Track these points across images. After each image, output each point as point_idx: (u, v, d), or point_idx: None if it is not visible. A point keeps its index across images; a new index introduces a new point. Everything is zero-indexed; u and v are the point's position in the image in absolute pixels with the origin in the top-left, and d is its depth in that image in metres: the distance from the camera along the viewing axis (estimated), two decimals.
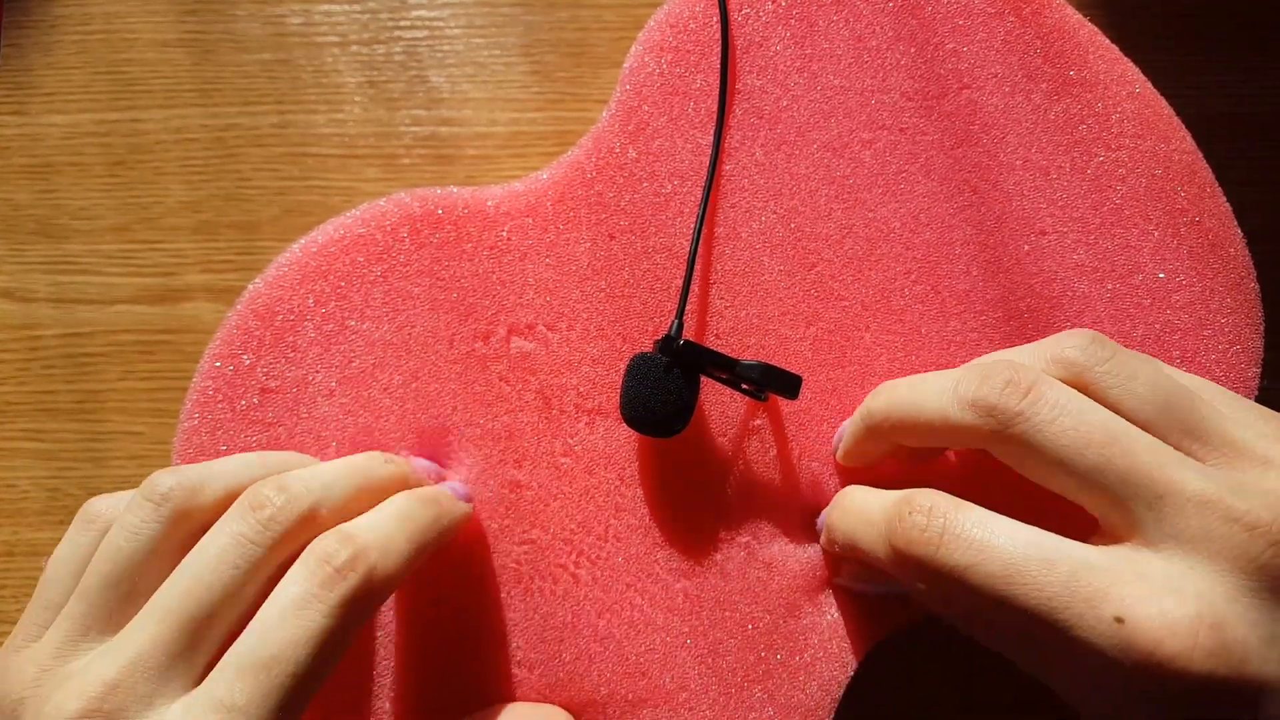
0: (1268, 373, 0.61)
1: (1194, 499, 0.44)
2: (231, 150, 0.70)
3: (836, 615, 0.60)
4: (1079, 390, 0.48)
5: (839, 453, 0.60)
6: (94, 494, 0.64)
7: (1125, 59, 0.63)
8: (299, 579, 0.46)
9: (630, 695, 0.59)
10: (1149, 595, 0.42)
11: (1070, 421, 0.46)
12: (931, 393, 0.51)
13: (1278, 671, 0.42)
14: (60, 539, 0.64)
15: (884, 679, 0.65)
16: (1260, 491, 0.44)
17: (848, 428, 0.59)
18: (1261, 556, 0.42)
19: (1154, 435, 0.47)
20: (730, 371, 0.56)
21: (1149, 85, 0.63)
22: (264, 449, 0.59)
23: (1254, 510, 0.43)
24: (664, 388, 0.56)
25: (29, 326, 0.69)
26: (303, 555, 0.47)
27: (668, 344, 0.56)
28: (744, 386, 0.57)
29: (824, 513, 0.59)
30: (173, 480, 0.49)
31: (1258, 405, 0.50)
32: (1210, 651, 0.41)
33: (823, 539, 0.59)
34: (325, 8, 0.72)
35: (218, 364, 0.60)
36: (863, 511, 0.53)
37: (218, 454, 0.59)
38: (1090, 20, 0.63)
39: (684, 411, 0.57)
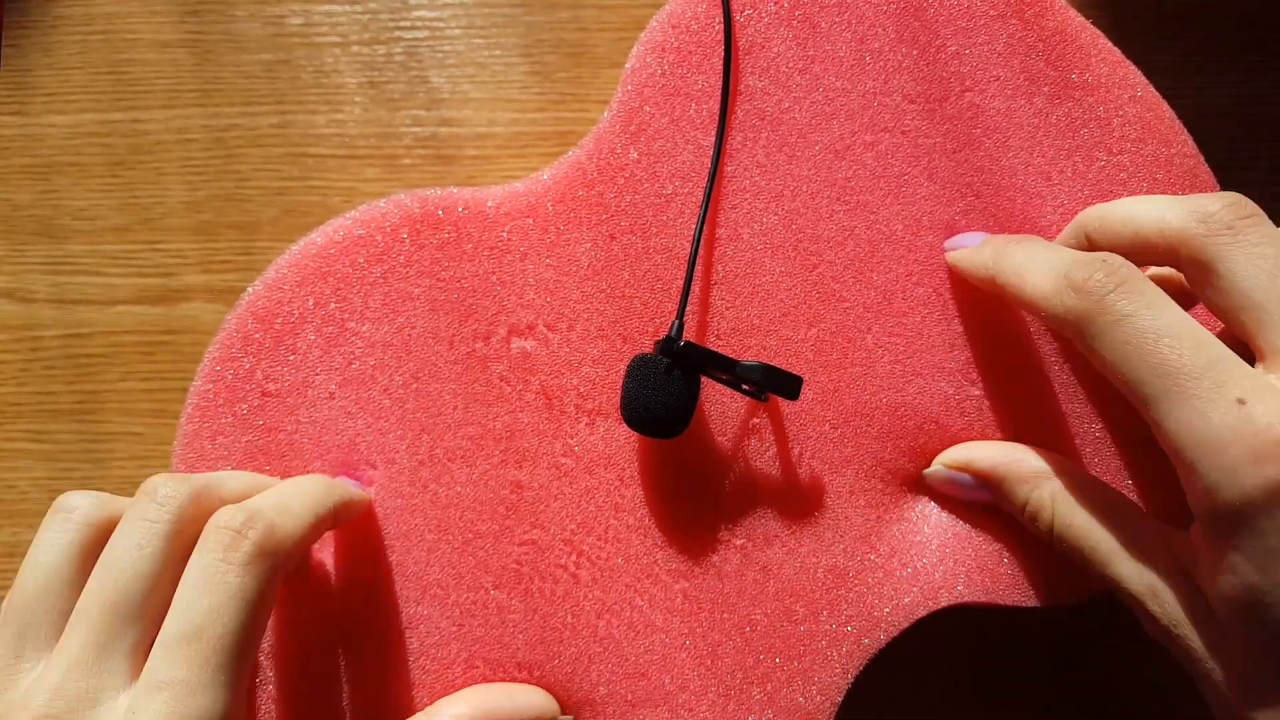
0: None
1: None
2: (232, 151, 0.71)
3: (835, 625, 0.60)
4: (1210, 244, 0.50)
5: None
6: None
7: (1127, 62, 0.63)
8: (205, 549, 0.48)
9: (629, 696, 0.59)
10: (1275, 395, 0.45)
11: (1274, 249, 0.48)
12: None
13: None
14: None
15: (884, 681, 0.64)
16: None
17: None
18: None
19: (1256, 312, 0.49)
20: (731, 372, 0.56)
21: (1151, 89, 0.63)
22: (265, 452, 0.60)
23: None
24: (665, 389, 0.56)
25: (29, 327, 0.69)
26: (204, 530, 0.49)
27: (668, 345, 0.56)
28: (745, 387, 0.58)
29: (984, 245, 0.59)
30: (173, 485, 0.51)
31: None
32: None
33: (960, 259, 0.60)
34: (326, 8, 0.72)
35: (217, 368, 0.60)
36: (1044, 254, 0.54)
37: (218, 458, 0.60)
38: (1090, 20, 0.64)
39: (684, 413, 0.57)
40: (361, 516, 0.59)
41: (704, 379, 0.60)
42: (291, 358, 0.61)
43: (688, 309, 0.61)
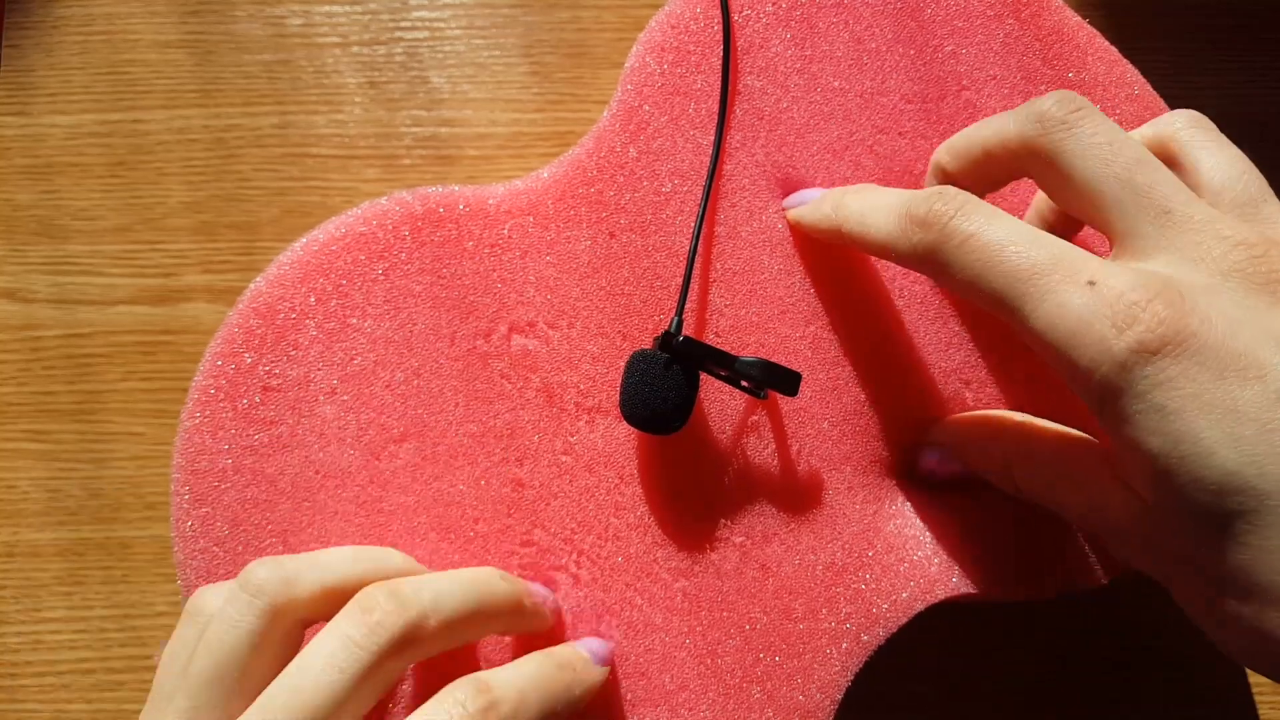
0: None
1: (1195, 218, 0.48)
2: (232, 151, 0.71)
3: (834, 622, 0.60)
4: (1044, 140, 0.52)
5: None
6: (95, 495, 0.67)
7: (1124, 61, 0.64)
8: (434, 712, 0.48)
9: (629, 695, 0.60)
10: (1120, 269, 0.46)
11: (1106, 137, 0.49)
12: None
13: (1229, 341, 0.44)
14: (61, 539, 0.66)
15: (885, 684, 0.65)
16: (1259, 229, 0.49)
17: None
18: (1240, 263, 0.46)
19: (1101, 200, 0.50)
20: (729, 368, 0.57)
21: (1148, 87, 0.64)
22: (266, 448, 0.60)
23: (1248, 236, 0.47)
24: (663, 384, 0.57)
25: (30, 327, 0.70)
26: (439, 695, 0.49)
27: (667, 340, 0.57)
28: (743, 384, 0.58)
29: (823, 199, 0.60)
30: (266, 572, 0.50)
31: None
32: (1168, 302, 0.44)
33: (800, 215, 0.61)
34: (326, 8, 0.73)
35: (219, 363, 0.61)
36: (882, 198, 0.55)
37: (219, 454, 0.60)
38: (1088, 20, 0.64)
39: (683, 408, 0.57)
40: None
41: (703, 376, 0.60)
42: (293, 353, 0.61)
43: (686, 306, 0.61)
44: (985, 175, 0.56)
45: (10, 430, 0.70)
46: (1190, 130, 0.54)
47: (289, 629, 0.50)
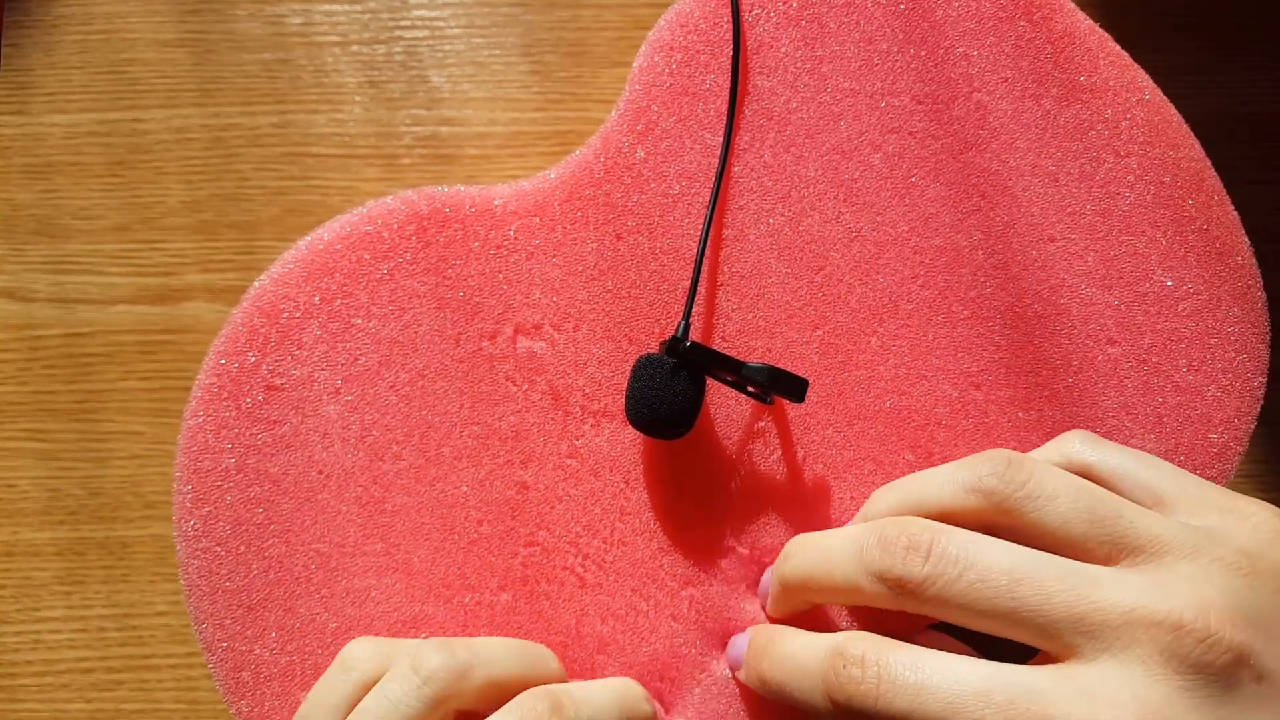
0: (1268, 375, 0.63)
1: (1116, 613, 0.46)
2: (232, 150, 0.72)
3: (840, 628, 0.61)
4: (1001, 513, 0.51)
5: (769, 607, 0.61)
6: (95, 494, 0.67)
7: (1135, 65, 0.64)
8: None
9: None
10: (1089, 714, 0.44)
11: (975, 575, 0.48)
12: (838, 560, 0.53)
13: None
14: (60, 539, 0.66)
15: None
16: (1184, 587, 0.47)
17: (769, 586, 0.60)
18: (1191, 654, 0.44)
19: (1079, 552, 0.49)
20: (736, 374, 0.57)
21: (1158, 92, 0.64)
22: (269, 447, 0.61)
23: (1176, 609, 0.45)
24: (670, 389, 0.57)
25: (29, 326, 0.70)
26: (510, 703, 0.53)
27: (674, 345, 0.57)
28: (750, 389, 0.59)
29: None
30: (440, 661, 0.53)
31: (1192, 478, 0.53)
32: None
33: (745, 674, 0.59)
34: (326, 7, 0.73)
35: (222, 361, 0.61)
36: (796, 661, 0.53)
37: (222, 453, 0.61)
38: (1091, 20, 0.65)
39: (689, 413, 0.58)
40: None
41: (710, 381, 0.61)
42: (297, 352, 0.62)
43: (693, 310, 0.62)
44: (845, 603, 0.56)
45: (10, 429, 0.70)
46: (1015, 494, 0.52)
47: (446, 715, 0.53)
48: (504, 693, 0.54)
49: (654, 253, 0.63)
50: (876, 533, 0.51)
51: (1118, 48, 0.65)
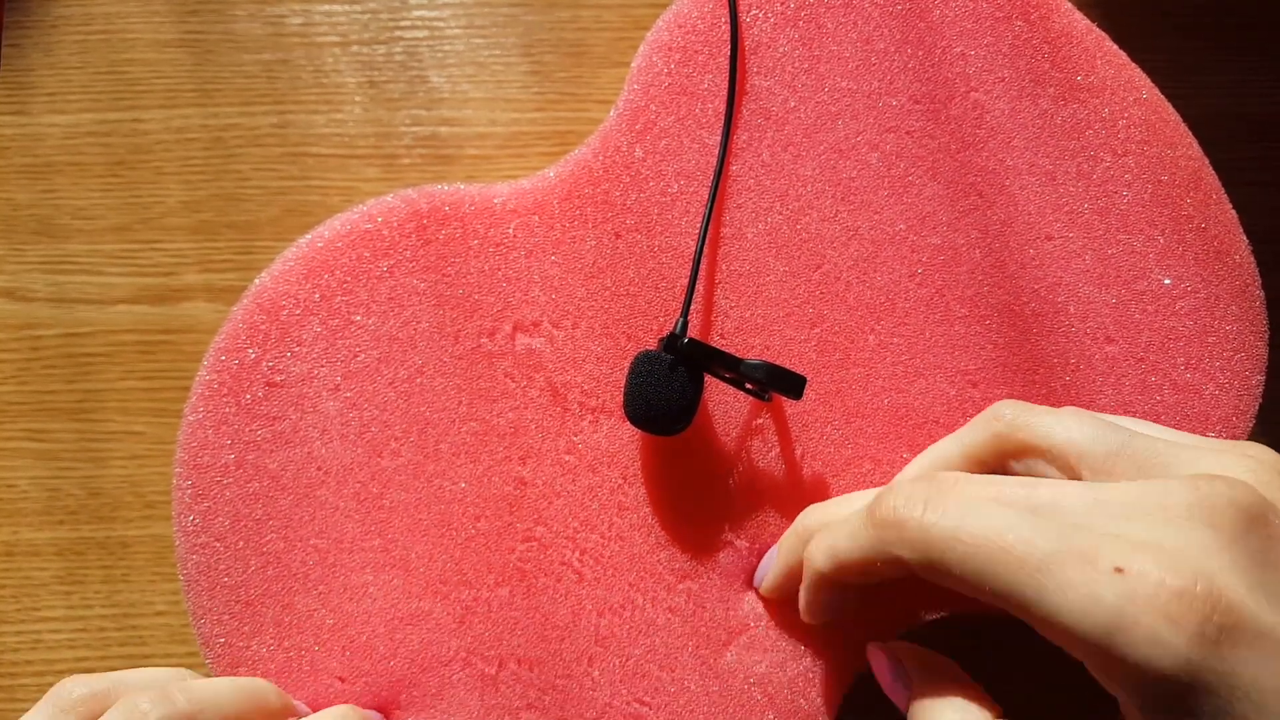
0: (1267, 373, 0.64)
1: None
2: (231, 150, 0.73)
3: (838, 625, 0.62)
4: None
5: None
6: (94, 494, 0.68)
7: (1132, 64, 0.66)
8: None
9: (630, 695, 0.62)
10: (1139, 546, 0.45)
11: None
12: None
13: (1266, 616, 0.44)
14: (60, 539, 0.68)
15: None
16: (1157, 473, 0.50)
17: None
18: (1220, 506, 0.46)
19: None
20: (734, 371, 0.59)
21: (1156, 91, 0.65)
22: (269, 443, 0.62)
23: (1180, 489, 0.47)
24: (668, 386, 0.59)
25: (29, 326, 0.72)
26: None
27: (672, 341, 0.59)
28: (748, 386, 0.60)
29: (771, 559, 0.62)
30: (162, 711, 0.53)
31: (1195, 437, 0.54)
32: (1208, 593, 0.43)
33: (769, 581, 0.61)
34: (325, 8, 0.74)
35: (223, 358, 0.63)
36: (838, 517, 0.55)
37: (222, 449, 0.63)
38: (1088, 18, 0.66)
39: (687, 410, 0.59)
40: None
41: (708, 378, 0.62)
42: (296, 349, 0.63)
43: (691, 307, 0.63)
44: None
45: (9, 429, 0.71)
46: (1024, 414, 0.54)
47: None
48: None
49: (652, 251, 0.64)
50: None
51: (1115, 47, 0.66)
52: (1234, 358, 0.64)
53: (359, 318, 0.64)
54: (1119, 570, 0.44)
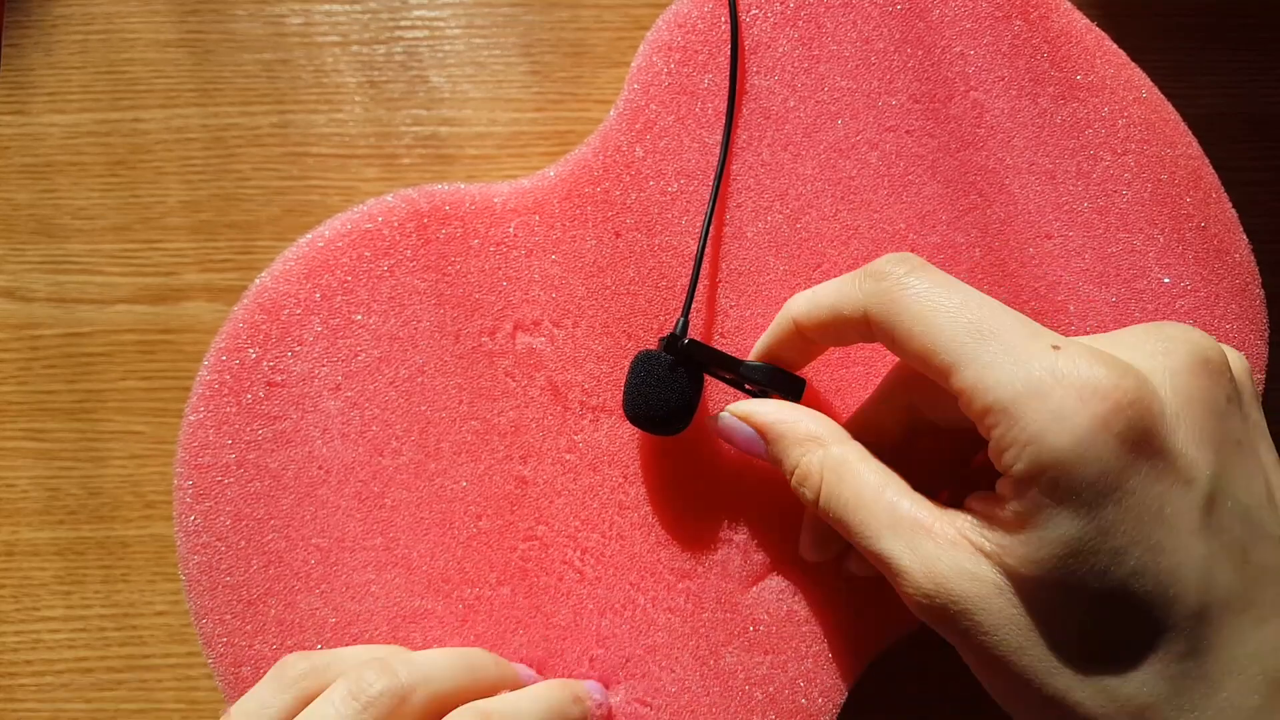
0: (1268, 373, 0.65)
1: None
2: (231, 150, 0.74)
3: (838, 624, 0.62)
4: None
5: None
6: (94, 494, 0.68)
7: (1132, 64, 0.66)
8: None
9: (630, 695, 0.62)
10: (1080, 343, 0.47)
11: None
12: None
13: (1181, 446, 0.46)
14: (59, 538, 0.68)
15: (887, 688, 0.67)
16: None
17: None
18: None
19: None
20: (734, 372, 0.59)
21: (1155, 90, 0.65)
22: (270, 443, 0.63)
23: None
24: (668, 386, 0.59)
25: (29, 326, 0.72)
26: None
27: (673, 342, 0.59)
28: (747, 388, 0.61)
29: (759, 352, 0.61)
30: (383, 686, 0.54)
31: None
32: (1130, 389, 0.45)
33: (754, 353, 0.61)
34: (325, 8, 0.75)
35: (223, 358, 0.63)
36: (830, 281, 0.56)
37: (223, 448, 0.63)
38: (1088, 18, 0.66)
39: (687, 410, 0.60)
40: None
41: (708, 376, 0.62)
42: (297, 349, 0.63)
43: (692, 306, 0.63)
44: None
45: (9, 429, 0.72)
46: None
47: None
48: (445, 707, 0.55)
49: (652, 250, 0.65)
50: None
51: (1114, 46, 0.66)
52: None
53: (359, 317, 0.64)
54: (1055, 348, 0.46)
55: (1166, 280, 0.64)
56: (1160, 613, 0.46)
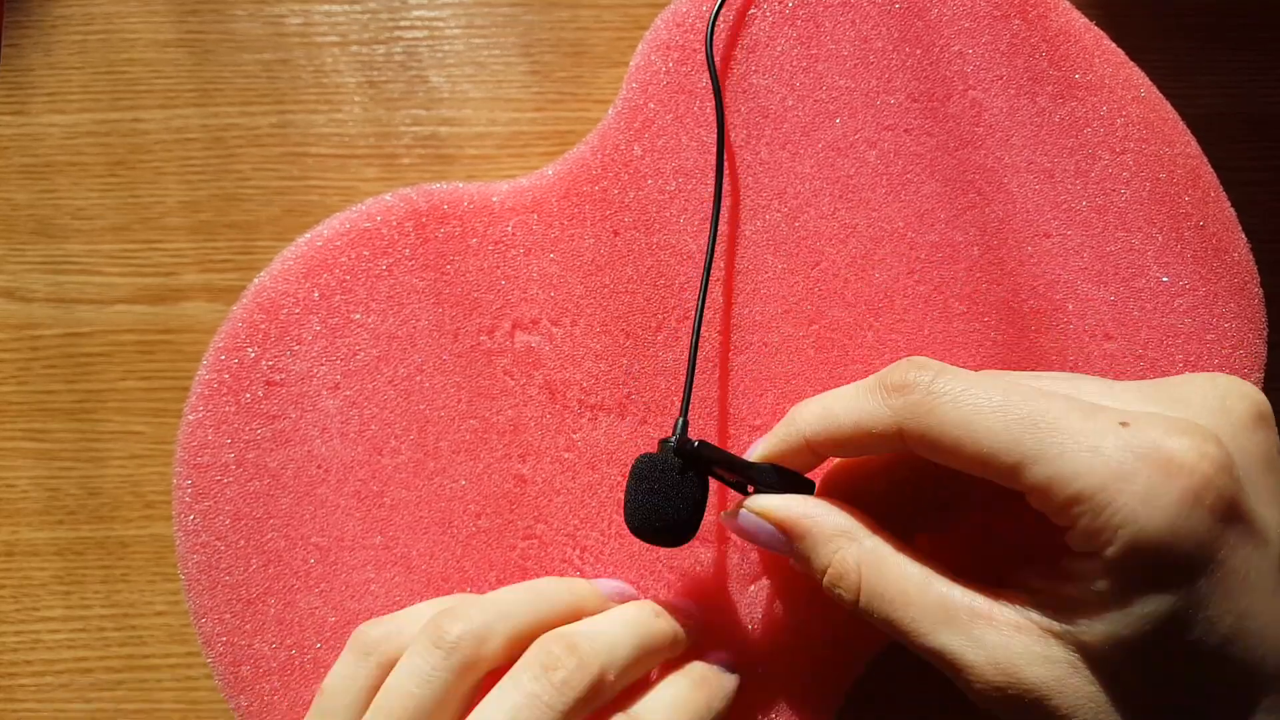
0: (1267, 373, 0.65)
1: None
2: (231, 150, 0.74)
3: (836, 625, 0.63)
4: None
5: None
6: (94, 494, 0.68)
7: (1130, 63, 0.66)
8: (522, 683, 0.52)
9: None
10: (1147, 414, 0.46)
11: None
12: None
13: (1260, 508, 0.46)
14: (59, 538, 0.68)
15: (886, 686, 0.67)
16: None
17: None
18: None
19: None
20: (745, 475, 0.57)
21: (1154, 89, 0.66)
22: (269, 442, 0.63)
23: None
24: (677, 493, 0.56)
25: (29, 326, 0.72)
26: (525, 662, 0.53)
27: (681, 446, 0.56)
28: (749, 489, 0.58)
29: (765, 444, 0.58)
30: (460, 629, 0.54)
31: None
32: (1215, 457, 0.44)
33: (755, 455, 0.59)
34: (325, 8, 0.75)
35: (222, 357, 0.63)
36: (841, 395, 0.55)
37: (222, 448, 0.63)
38: (1088, 18, 0.66)
39: (694, 520, 0.56)
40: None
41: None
42: (296, 348, 0.64)
43: (688, 307, 0.64)
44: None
45: (9, 429, 0.72)
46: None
47: (476, 680, 0.54)
48: (526, 640, 0.55)
49: (650, 248, 0.65)
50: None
51: (1113, 45, 0.66)
52: (1232, 355, 0.64)
53: (358, 316, 0.64)
54: (1124, 425, 0.45)
55: (1165, 279, 0.64)
56: (1253, 673, 0.46)
